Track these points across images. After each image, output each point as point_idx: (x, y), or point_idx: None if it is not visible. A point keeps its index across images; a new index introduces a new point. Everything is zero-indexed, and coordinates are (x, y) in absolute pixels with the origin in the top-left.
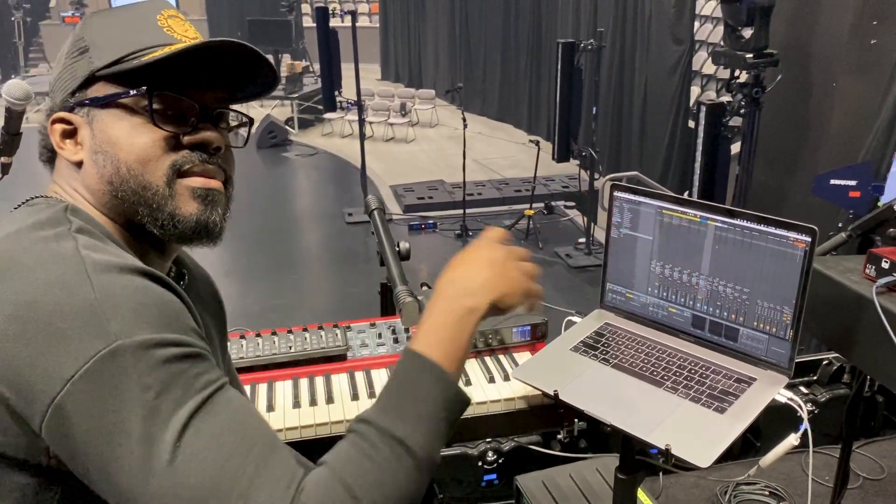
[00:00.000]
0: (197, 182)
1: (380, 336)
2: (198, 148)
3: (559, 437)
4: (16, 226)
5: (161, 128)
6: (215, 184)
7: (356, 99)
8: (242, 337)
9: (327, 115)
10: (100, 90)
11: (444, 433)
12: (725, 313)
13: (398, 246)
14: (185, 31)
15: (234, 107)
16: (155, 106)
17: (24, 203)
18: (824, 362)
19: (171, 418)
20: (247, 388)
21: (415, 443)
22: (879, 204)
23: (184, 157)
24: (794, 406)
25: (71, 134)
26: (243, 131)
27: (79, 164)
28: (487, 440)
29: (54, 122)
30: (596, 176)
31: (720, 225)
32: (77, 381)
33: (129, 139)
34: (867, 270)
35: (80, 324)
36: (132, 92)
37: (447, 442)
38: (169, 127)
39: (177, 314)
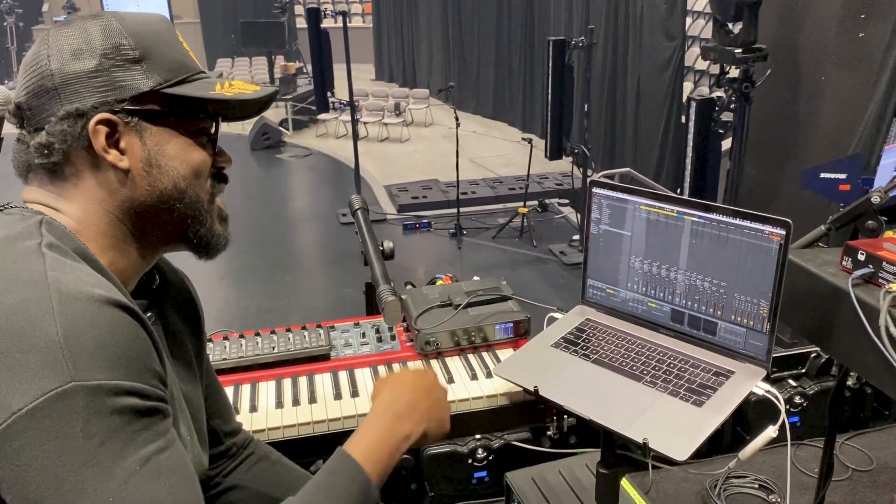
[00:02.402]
0: (223, 204)
1: (363, 335)
2: (221, 171)
3: (549, 433)
4: None
5: (211, 152)
6: (227, 208)
7: (349, 99)
8: (226, 338)
9: (321, 116)
10: (156, 105)
11: None
12: (703, 307)
13: (382, 245)
14: (193, 55)
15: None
16: (206, 130)
17: None
18: (812, 355)
19: (110, 471)
20: (229, 390)
21: None
22: None
23: (217, 179)
24: (772, 398)
25: (109, 139)
26: None
27: (125, 172)
28: (477, 437)
29: (100, 122)
30: (589, 173)
31: (696, 220)
32: (23, 416)
33: (185, 156)
34: (844, 263)
35: (37, 357)
36: (202, 116)
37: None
38: (210, 150)
39: (139, 356)
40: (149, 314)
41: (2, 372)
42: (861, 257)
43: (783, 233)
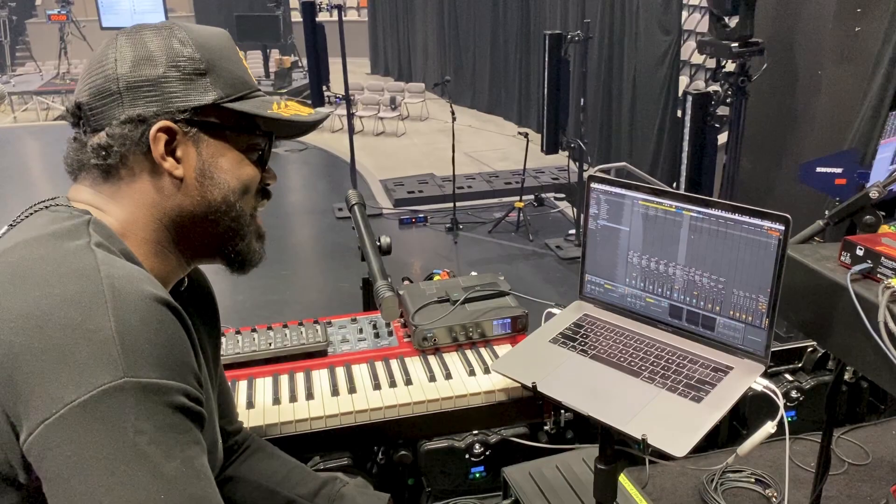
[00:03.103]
0: (261, 224)
1: (361, 331)
2: (266, 188)
3: (546, 428)
4: (35, 231)
5: (261, 169)
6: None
7: (344, 93)
8: (223, 334)
9: (317, 110)
10: (216, 118)
11: None
12: (702, 303)
13: (379, 241)
14: (251, 73)
15: None
16: (259, 147)
17: (42, 204)
18: (809, 349)
19: (159, 469)
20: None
21: None
22: None
23: (258, 197)
24: (770, 394)
25: (167, 146)
26: None
27: (179, 180)
28: (474, 432)
29: (161, 130)
30: (585, 167)
31: (695, 215)
32: (75, 408)
33: (237, 170)
34: (842, 258)
35: (91, 350)
36: (258, 133)
37: (428, 435)
38: (260, 168)
39: (184, 356)
40: None
41: (55, 363)
42: (860, 252)
43: (782, 228)
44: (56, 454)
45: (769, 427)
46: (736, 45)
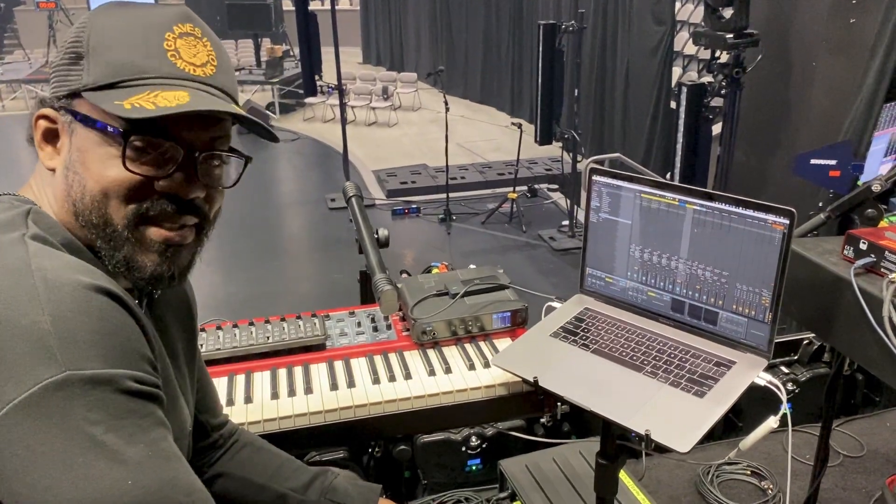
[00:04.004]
0: (159, 235)
1: (359, 325)
2: (170, 196)
3: (542, 421)
4: None
5: (131, 171)
6: (178, 237)
7: (336, 83)
8: (219, 328)
9: (309, 100)
10: (83, 107)
11: None
12: (705, 297)
13: (377, 233)
14: (193, 58)
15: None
16: (131, 147)
17: None
18: (804, 342)
19: (122, 455)
20: (224, 380)
21: None
22: (859, 183)
23: (152, 204)
24: (774, 389)
25: (52, 136)
26: (236, 168)
27: (52, 171)
28: (470, 426)
29: (39, 117)
30: (578, 158)
31: (699, 208)
32: (19, 406)
33: (101, 170)
34: (845, 252)
35: (27, 346)
36: (109, 129)
37: (428, 430)
38: (143, 171)
39: (131, 343)
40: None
41: None
42: (863, 246)
43: (787, 222)
44: (7, 455)
45: (772, 422)
46: (731, 36)
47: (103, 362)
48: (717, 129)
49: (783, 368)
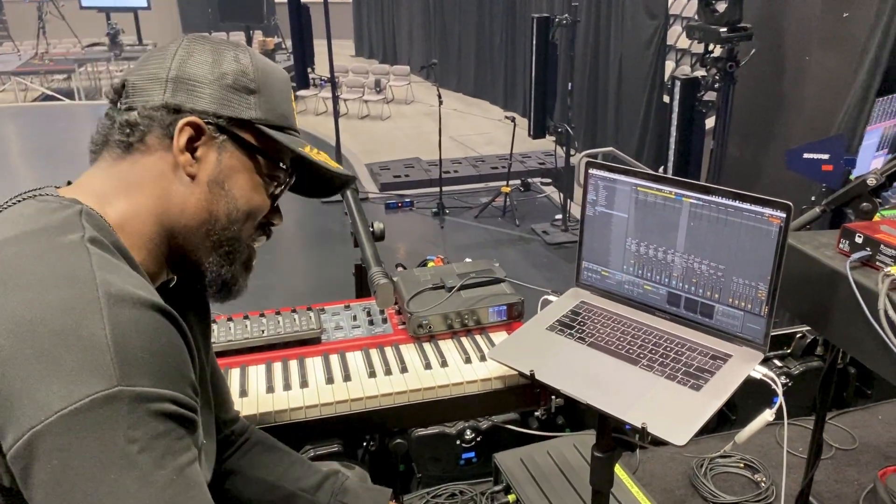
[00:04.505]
0: (254, 257)
1: (354, 318)
2: (266, 224)
3: (537, 414)
4: (27, 226)
5: (273, 200)
6: (255, 258)
7: (329, 76)
8: (214, 321)
9: (301, 93)
10: (249, 136)
11: None
12: (701, 290)
13: (372, 226)
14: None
15: None
16: (283, 182)
17: (28, 193)
18: (798, 335)
19: (149, 477)
20: None
21: None
22: (851, 177)
23: (258, 231)
24: (769, 382)
25: (190, 142)
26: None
27: (191, 178)
28: (465, 419)
29: (189, 124)
30: (572, 152)
31: (695, 202)
32: (65, 416)
33: (251, 193)
34: (841, 245)
35: (82, 358)
36: (283, 165)
37: (424, 423)
38: (274, 201)
39: (179, 364)
40: None
41: (46, 369)
42: (858, 240)
43: (783, 215)
44: (43, 463)
45: (767, 415)
46: (724, 29)
47: (152, 381)
48: (710, 123)
49: (776, 362)
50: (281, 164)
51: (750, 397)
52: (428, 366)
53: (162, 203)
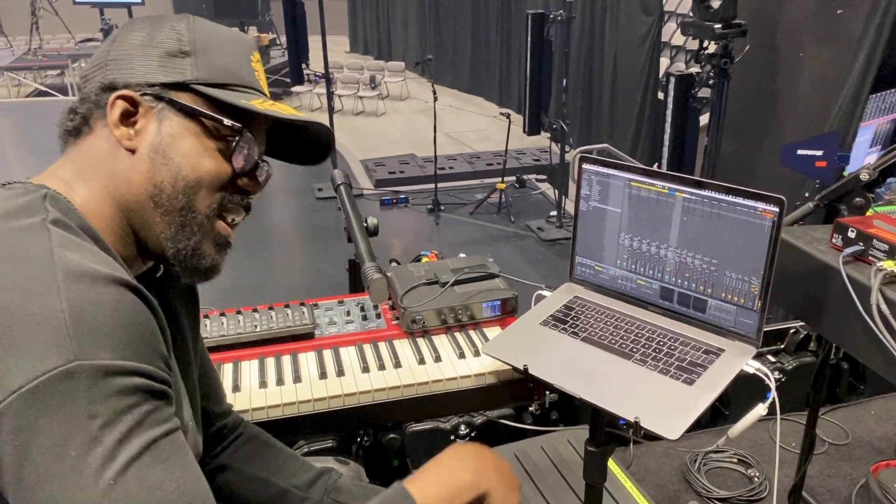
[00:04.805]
0: (223, 229)
1: (348, 313)
2: (241, 191)
3: (531, 409)
4: None
5: (232, 164)
6: (233, 236)
7: (324, 72)
8: (206, 316)
9: (295, 89)
10: (187, 99)
11: None
12: (694, 285)
13: (366, 222)
14: (264, 81)
15: None
16: (239, 142)
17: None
18: (791, 331)
19: (113, 453)
20: None
21: None
22: (845, 174)
23: (231, 197)
24: (762, 376)
25: (127, 117)
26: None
27: (131, 151)
28: (459, 414)
29: (120, 98)
30: (567, 149)
31: (688, 196)
32: (23, 395)
33: (199, 158)
34: (834, 240)
35: (40, 335)
36: (227, 122)
37: (418, 418)
38: (239, 166)
39: (145, 337)
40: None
41: (2, 350)
42: (852, 235)
43: (776, 210)
44: (5, 444)
45: (760, 409)
46: (719, 26)
47: (114, 353)
48: (704, 119)
49: (769, 357)
50: (225, 122)
51: (743, 392)
52: (422, 361)
53: (111, 182)
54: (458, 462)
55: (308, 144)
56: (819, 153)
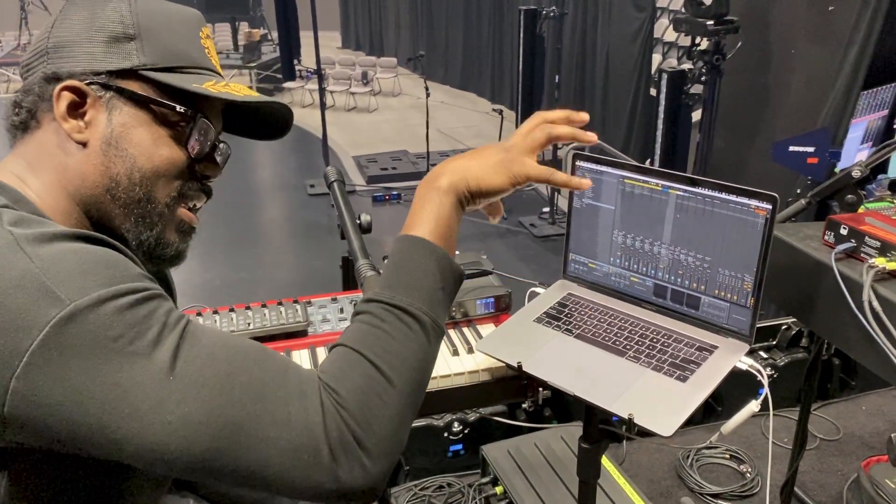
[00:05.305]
0: (185, 216)
1: (341, 311)
2: (200, 177)
3: (524, 406)
4: None
5: (188, 151)
6: (196, 221)
7: (316, 67)
8: (199, 314)
9: (287, 85)
10: (135, 86)
11: (443, 301)
12: (687, 282)
13: (359, 219)
14: (215, 58)
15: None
16: (194, 128)
17: None
18: (783, 327)
19: (154, 357)
20: None
21: (417, 309)
22: (836, 170)
23: (190, 184)
24: (755, 373)
25: (75, 108)
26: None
27: (82, 144)
28: (453, 411)
29: (65, 89)
30: (559, 145)
31: (682, 194)
32: (36, 351)
33: (153, 148)
34: (826, 237)
35: (24, 295)
36: (179, 108)
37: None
38: (196, 152)
39: (123, 265)
40: None
41: None
42: (844, 232)
43: (769, 207)
44: (46, 399)
45: (753, 406)
46: (711, 22)
47: (104, 284)
48: (696, 115)
49: (762, 353)
50: (177, 108)
51: (736, 388)
52: None
53: (64, 176)
54: (429, 182)
55: (266, 121)
56: (810, 149)
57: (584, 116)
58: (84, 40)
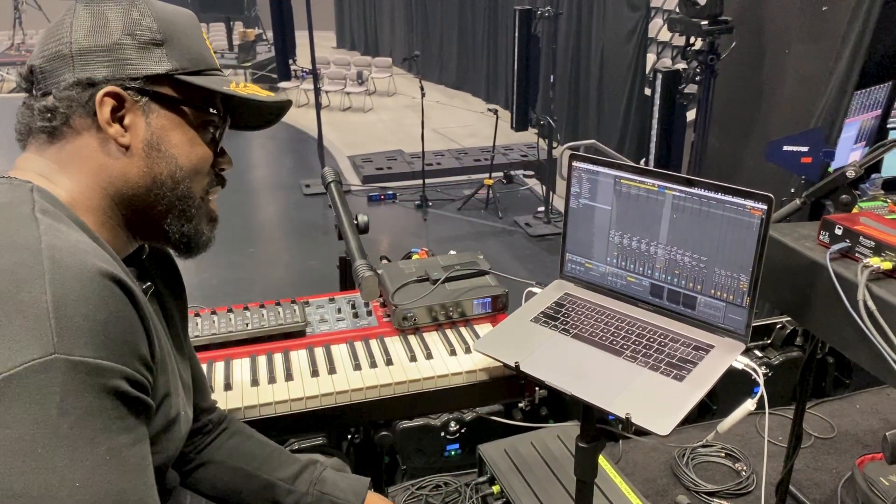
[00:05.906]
0: (215, 206)
1: (339, 311)
2: (220, 172)
3: (521, 405)
4: None
5: (214, 149)
6: (217, 210)
7: (311, 67)
8: (197, 314)
9: (282, 85)
10: (168, 90)
11: None
12: (683, 282)
13: (356, 219)
14: (214, 56)
15: None
16: (221, 127)
17: None
18: (778, 326)
19: (79, 454)
20: (202, 367)
21: None
22: (830, 170)
23: (215, 178)
24: (750, 372)
25: (114, 113)
26: None
27: (125, 148)
28: (450, 411)
29: (108, 94)
30: (554, 144)
31: (678, 194)
32: None
33: (190, 148)
34: (821, 237)
35: (22, 324)
36: (212, 110)
37: (410, 415)
38: (218, 149)
39: (127, 336)
40: (147, 284)
41: None
42: (838, 231)
43: (765, 207)
44: None
45: (749, 405)
46: (705, 22)
47: (94, 351)
48: (691, 115)
49: (757, 352)
50: (211, 110)
51: (731, 387)
52: (413, 358)
53: (105, 177)
54: None
55: (261, 115)
56: (804, 149)
57: None
58: (114, 46)
